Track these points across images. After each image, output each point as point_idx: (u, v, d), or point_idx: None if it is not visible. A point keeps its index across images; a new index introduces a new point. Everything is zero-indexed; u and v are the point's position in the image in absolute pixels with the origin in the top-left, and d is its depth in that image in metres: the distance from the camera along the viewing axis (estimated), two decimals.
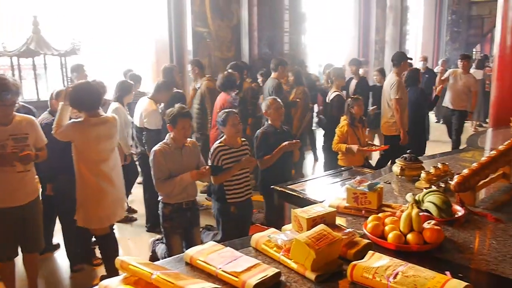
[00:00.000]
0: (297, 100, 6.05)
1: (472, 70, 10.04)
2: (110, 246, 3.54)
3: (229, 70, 5.66)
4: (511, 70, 5.10)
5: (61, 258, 4.06)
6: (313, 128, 7.59)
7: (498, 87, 5.33)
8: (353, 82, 6.88)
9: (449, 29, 15.35)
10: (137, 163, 5.02)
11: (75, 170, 3.32)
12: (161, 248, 3.80)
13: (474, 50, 16.28)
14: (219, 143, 3.58)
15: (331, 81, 5.97)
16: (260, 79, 6.33)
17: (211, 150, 3.57)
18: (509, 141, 2.65)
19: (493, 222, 2.04)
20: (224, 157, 3.52)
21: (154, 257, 3.83)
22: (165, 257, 3.58)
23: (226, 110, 3.74)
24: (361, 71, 7.17)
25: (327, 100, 5.92)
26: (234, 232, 3.42)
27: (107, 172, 3.35)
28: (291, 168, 4.46)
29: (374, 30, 11.64)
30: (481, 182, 2.29)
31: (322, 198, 2.48)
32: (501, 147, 2.56)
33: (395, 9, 12.08)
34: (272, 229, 1.83)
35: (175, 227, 3.39)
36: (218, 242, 1.77)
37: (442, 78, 7.34)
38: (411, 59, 6.17)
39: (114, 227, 3.66)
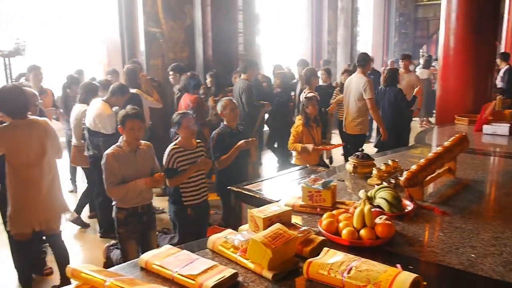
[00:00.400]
0: (265, 102, 6.16)
1: (419, 70, 10.55)
2: (57, 253, 3.41)
3: (192, 72, 5.71)
4: (454, 70, 5.35)
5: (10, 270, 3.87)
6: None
7: (443, 86, 5.59)
8: (300, 83, 6.83)
9: (397, 30, 15.94)
10: None
11: (6, 175, 3.16)
12: (116, 254, 3.70)
13: (421, 51, 16.99)
14: (173, 145, 3.53)
15: (307, 81, 6.00)
16: (208, 80, 6.24)
17: (166, 152, 3.51)
18: (453, 137, 2.79)
19: (440, 215, 2.14)
20: (180, 159, 3.47)
21: (109, 264, 3.72)
22: (120, 263, 3.49)
23: (180, 112, 3.69)
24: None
25: (301, 100, 5.88)
26: (191, 235, 3.38)
27: (36, 178, 3.18)
28: (248, 168, 4.46)
29: (327, 31, 11.89)
30: (428, 177, 2.39)
31: (279, 197, 2.50)
32: (446, 144, 2.69)
33: (346, 11, 12.41)
34: (229, 230, 1.82)
35: (131, 232, 3.30)
36: (174, 245, 1.74)
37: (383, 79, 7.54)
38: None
39: (66, 233, 3.52)
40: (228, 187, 3.14)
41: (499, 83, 8.23)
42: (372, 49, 14.63)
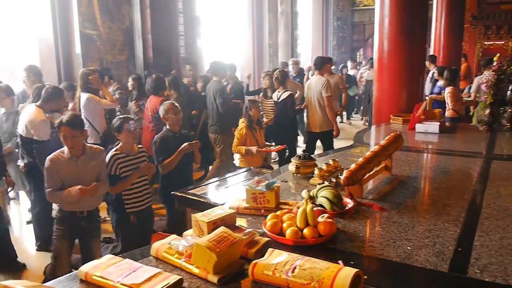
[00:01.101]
0: (238, 101, 6.33)
1: (366, 72, 10.99)
2: None
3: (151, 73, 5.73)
4: (388, 72, 5.61)
5: None
6: None
7: (378, 87, 5.84)
8: (229, 87, 6.85)
9: (335, 34, 16.51)
10: None
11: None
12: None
13: (358, 54, 17.70)
14: (114, 151, 3.42)
15: (280, 82, 6.09)
16: (130, 83, 6.10)
17: (107, 158, 3.39)
18: (389, 136, 2.92)
19: (378, 211, 2.23)
20: (121, 165, 3.38)
21: (47, 279, 3.54)
22: (53, 272, 3.36)
23: (121, 116, 3.59)
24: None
25: (276, 100, 6.08)
26: (135, 243, 3.29)
27: None
28: (192, 172, 4.42)
29: (267, 33, 12.06)
30: (366, 175, 2.49)
31: (223, 200, 2.50)
32: (382, 142, 2.81)
33: (286, 14, 12.66)
34: (173, 236, 1.80)
35: (66, 231, 3.23)
36: (117, 254, 1.69)
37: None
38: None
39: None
40: (172, 192, 3.10)
41: (428, 84, 8.74)
42: (312, 52, 15.03)
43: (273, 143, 5.15)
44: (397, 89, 5.56)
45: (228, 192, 3.03)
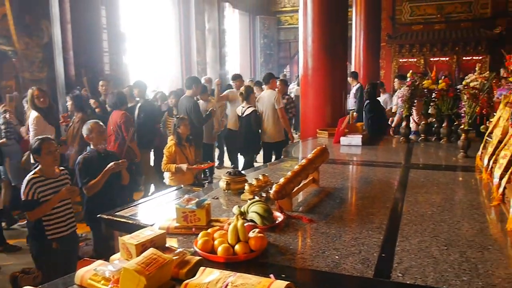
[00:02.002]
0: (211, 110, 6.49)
1: (295, 88, 11.30)
2: None
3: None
4: (313, 88, 5.84)
5: None
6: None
7: (304, 103, 6.06)
8: (138, 105, 6.54)
9: (262, 51, 16.89)
10: None
11: None
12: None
13: (284, 70, 18.23)
14: (32, 174, 3.21)
15: (244, 97, 6.23)
16: (69, 103, 5.93)
17: (24, 182, 3.17)
18: (315, 150, 3.03)
19: (307, 223, 2.29)
20: (40, 189, 3.17)
21: None
22: None
23: (40, 137, 3.38)
24: None
25: (240, 114, 6.31)
26: (58, 271, 3.08)
27: None
28: (119, 193, 4.24)
29: (195, 51, 12.06)
30: (295, 189, 2.56)
31: (153, 221, 2.43)
32: (309, 156, 2.90)
33: (214, 31, 12.75)
34: (99, 261, 1.71)
35: None
36: (37, 285, 1.57)
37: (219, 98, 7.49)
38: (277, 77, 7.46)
39: None
40: (98, 215, 2.95)
41: (352, 99, 9.21)
42: (240, 69, 15.24)
43: (209, 160, 5.16)
44: (321, 104, 5.80)
45: (158, 212, 2.95)
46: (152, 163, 6.45)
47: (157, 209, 3.10)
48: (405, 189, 2.97)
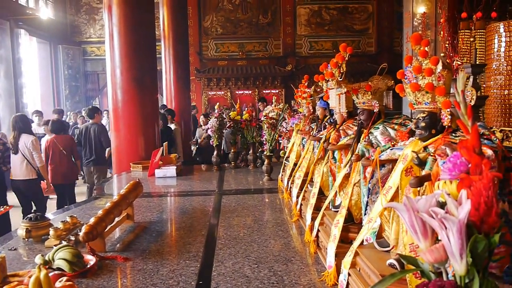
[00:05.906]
0: None
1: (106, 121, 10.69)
2: None
3: None
4: (124, 121, 5.68)
5: None
6: None
7: (116, 136, 5.83)
8: None
9: (67, 83, 15.71)
10: None
11: None
12: None
13: (94, 103, 17.28)
14: None
15: None
16: None
17: None
18: (128, 184, 2.94)
19: (123, 261, 2.19)
20: None
21: None
22: None
23: None
24: None
25: None
26: None
27: None
28: None
29: None
30: (108, 227, 2.42)
31: None
32: (122, 192, 2.80)
33: (7, 60, 11.35)
34: None
35: None
36: None
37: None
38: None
39: None
40: None
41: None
42: (42, 101, 13.91)
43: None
44: (134, 137, 5.68)
45: None
46: None
47: None
48: (219, 215, 3.11)
